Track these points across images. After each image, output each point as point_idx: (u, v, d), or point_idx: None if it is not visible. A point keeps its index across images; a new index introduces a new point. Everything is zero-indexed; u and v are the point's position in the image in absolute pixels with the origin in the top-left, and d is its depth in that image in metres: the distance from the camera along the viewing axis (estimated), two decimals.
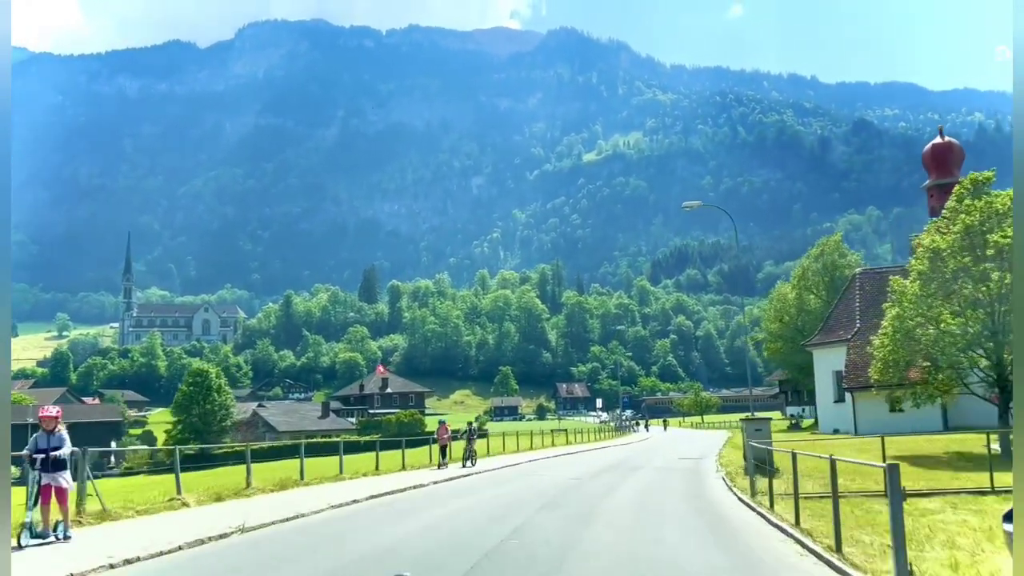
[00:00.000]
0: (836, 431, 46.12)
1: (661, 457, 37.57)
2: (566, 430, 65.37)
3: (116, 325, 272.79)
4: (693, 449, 44.39)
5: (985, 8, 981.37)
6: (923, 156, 51.53)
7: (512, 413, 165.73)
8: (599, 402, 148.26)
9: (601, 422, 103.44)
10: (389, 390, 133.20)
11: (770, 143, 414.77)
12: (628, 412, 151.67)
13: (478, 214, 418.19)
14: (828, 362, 49.05)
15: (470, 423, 36.60)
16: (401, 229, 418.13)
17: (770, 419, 19.65)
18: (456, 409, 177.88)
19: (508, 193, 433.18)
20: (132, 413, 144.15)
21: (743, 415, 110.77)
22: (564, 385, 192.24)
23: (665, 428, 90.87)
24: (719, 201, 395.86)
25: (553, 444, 51.37)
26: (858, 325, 45.90)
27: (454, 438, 32.50)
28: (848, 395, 44.61)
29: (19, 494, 11.10)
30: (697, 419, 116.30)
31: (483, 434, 46.77)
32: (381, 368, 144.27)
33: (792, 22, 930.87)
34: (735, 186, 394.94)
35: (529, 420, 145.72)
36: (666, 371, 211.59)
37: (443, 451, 30.55)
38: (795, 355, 65.54)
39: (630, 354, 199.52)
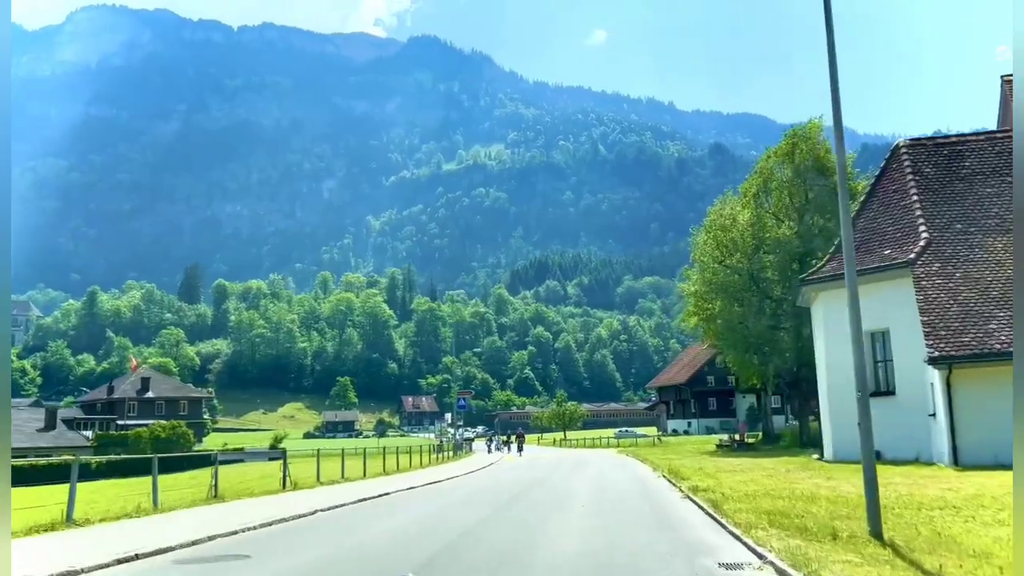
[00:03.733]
0: (879, 455, 19.25)
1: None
2: (344, 450, 32.13)
3: None
4: (612, 508, 16.40)
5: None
6: None
7: (348, 429, 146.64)
8: (448, 417, 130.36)
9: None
10: (151, 394, 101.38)
11: (630, 163, 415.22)
12: (480, 428, 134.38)
13: (329, 219, 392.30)
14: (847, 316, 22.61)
15: None
16: (243, 231, 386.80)
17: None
18: (284, 424, 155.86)
19: (362, 198, 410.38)
20: None
21: (615, 430, 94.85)
22: (410, 398, 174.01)
23: (520, 448, 62.32)
24: (579, 217, 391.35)
25: (285, 488, 23.49)
26: (925, 236, 23.91)
27: None
28: (936, 378, 21.66)
29: None
30: (559, 435, 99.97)
31: None
32: (135, 364, 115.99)
33: (651, 51, 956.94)
34: (595, 203, 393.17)
35: (367, 437, 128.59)
36: (522, 385, 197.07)
37: None
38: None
39: (484, 355, 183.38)
